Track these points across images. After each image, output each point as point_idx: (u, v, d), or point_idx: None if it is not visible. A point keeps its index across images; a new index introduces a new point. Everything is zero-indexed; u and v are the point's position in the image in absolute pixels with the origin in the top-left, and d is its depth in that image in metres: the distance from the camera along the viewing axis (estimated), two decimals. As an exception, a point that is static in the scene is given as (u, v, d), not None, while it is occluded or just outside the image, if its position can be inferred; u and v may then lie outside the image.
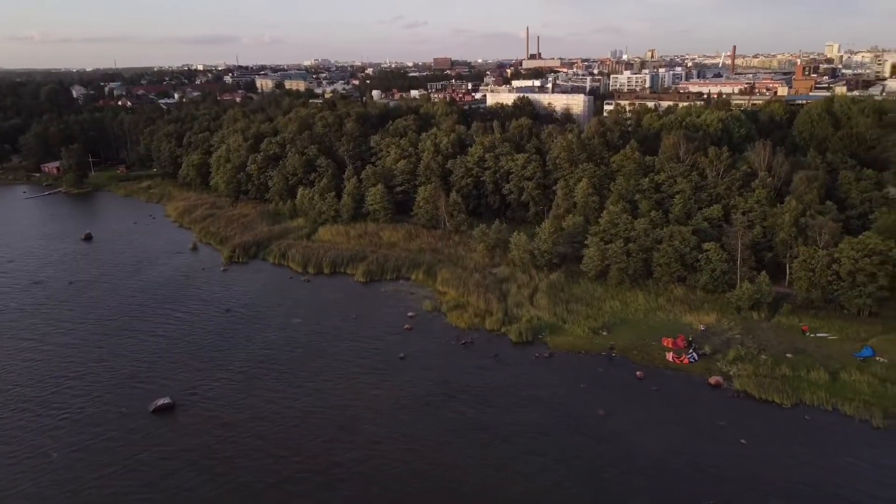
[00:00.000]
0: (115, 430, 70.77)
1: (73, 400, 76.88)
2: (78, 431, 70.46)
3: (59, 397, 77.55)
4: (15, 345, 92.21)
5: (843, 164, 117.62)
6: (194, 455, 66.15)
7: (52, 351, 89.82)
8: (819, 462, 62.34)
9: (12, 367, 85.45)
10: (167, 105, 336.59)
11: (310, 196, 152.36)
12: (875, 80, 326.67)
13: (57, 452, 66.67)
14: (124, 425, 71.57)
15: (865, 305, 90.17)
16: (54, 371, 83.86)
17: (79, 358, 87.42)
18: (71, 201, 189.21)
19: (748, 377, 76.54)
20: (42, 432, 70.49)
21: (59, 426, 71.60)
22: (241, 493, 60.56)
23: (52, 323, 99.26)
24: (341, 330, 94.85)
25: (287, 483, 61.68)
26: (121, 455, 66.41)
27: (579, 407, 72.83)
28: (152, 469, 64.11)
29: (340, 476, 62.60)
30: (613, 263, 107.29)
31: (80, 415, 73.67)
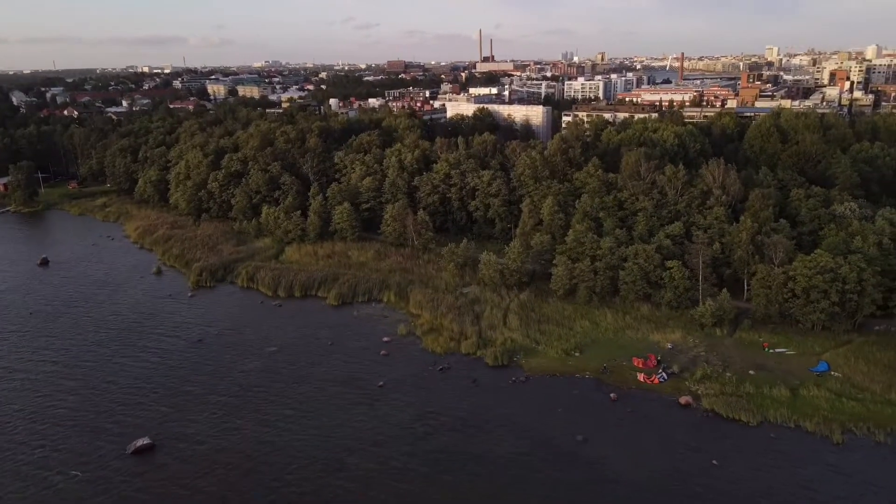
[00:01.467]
0: (94, 474, 69.54)
1: (44, 444, 75.09)
2: (52, 478, 68.94)
3: (28, 441, 75.58)
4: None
5: (793, 181, 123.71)
6: (180, 500, 65.67)
7: (17, 391, 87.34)
8: (786, 480, 66.08)
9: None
10: (116, 114, 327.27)
11: (275, 215, 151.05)
12: (815, 88, 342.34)
13: (34, 503, 65.28)
14: (103, 469, 70.39)
15: (819, 320, 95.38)
16: (21, 414, 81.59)
17: (47, 398, 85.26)
18: (21, 221, 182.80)
19: (716, 396, 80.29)
20: (14, 479, 68.76)
21: (31, 474, 69.93)
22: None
23: (15, 360, 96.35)
24: (318, 358, 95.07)
25: (277, 525, 62.01)
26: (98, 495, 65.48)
27: (559, 433, 75.10)
28: (137, 515, 63.53)
29: (330, 515, 63.29)
30: (581, 282, 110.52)
31: (53, 460, 72.02)
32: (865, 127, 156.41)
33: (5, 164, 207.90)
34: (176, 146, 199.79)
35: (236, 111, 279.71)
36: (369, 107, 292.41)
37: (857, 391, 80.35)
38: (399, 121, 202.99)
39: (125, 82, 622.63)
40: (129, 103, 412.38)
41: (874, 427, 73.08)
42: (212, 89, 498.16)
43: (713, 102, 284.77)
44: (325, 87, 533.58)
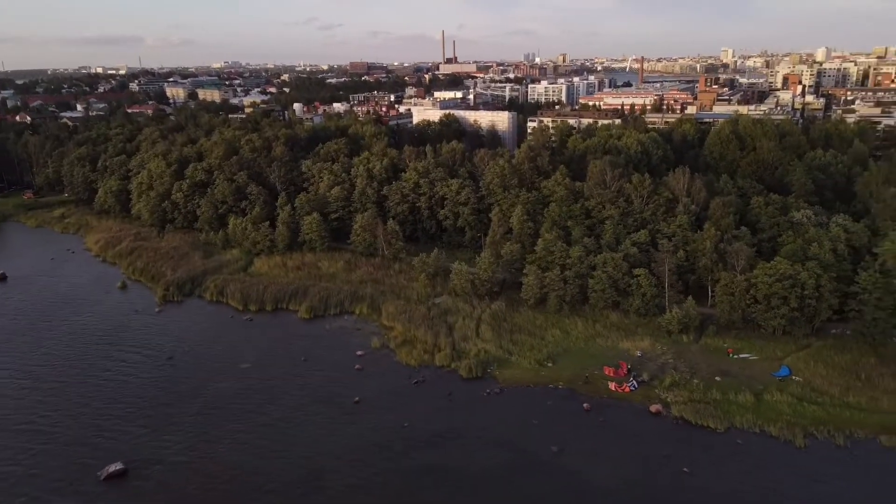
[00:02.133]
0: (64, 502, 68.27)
1: (13, 470, 73.33)
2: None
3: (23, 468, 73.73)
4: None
5: (752, 189, 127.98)
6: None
7: None
8: (753, 484, 68.70)
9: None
10: (72, 120, 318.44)
11: (242, 226, 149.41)
12: (769, 91, 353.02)
13: (5, 535, 63.83)
14: (75, 497, 69.11)
15: (780, 325, 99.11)
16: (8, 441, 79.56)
17: (13, 422, 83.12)
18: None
19: (684, 403, 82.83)
20: (-15, 512, 67.19)
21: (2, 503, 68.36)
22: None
23: None
24: (292, 374, 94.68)
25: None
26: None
27: (534, 445, 76.50)
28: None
29: (311, 536, 63.42)
30: (551, 291, 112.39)
31: (24, 489, 70.40)
32: (818, 134, 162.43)
33: None
34: (137, 154, 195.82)
35: (198, 117, 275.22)
36: (334, 112, 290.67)
37: (817, 395, 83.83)
38: (366, 128, 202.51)
39: (79, 85, 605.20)
40: (84, 108, 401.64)
41: (834, 430, 76.44)
42: (171, 92, 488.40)
43: (673, 107, 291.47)
44: (287, 89, 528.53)
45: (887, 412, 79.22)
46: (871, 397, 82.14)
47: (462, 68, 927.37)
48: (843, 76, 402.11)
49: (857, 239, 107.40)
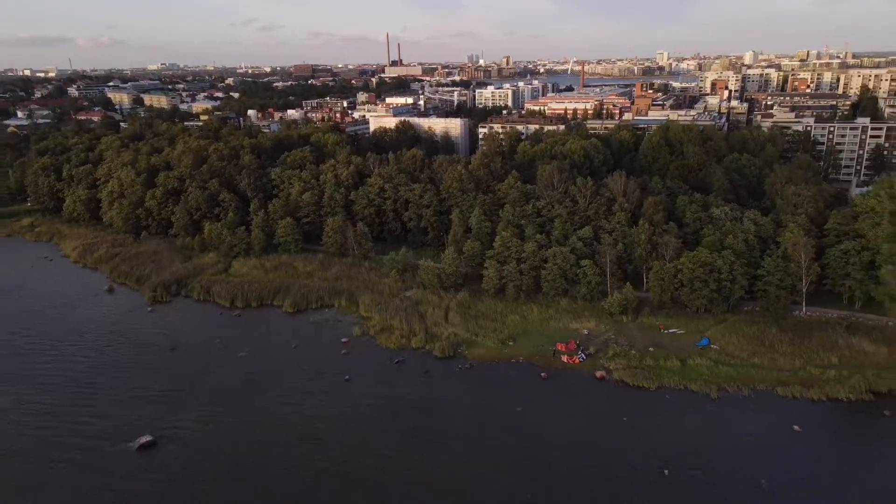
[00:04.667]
0: (107, 469, 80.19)
1: (57, 448, 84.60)
2: (73, 476, 79.12)
3: (41, 448, 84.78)
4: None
5: (679, 189, 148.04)
6: (184, 483, 77.81)
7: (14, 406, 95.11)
8: (676, 428, 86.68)
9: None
10: (19, 128, 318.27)
11: (218, 230, 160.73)
12: (699, 96, 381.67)
13: (60, 496, 75.54)
14: (114, 465, 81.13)
15: (702, 304, 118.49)
16: (27, 426, 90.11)
17: (45, 410, 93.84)
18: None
19: (624, 369, 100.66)
20: (38, 484, 78.40)
21: (52, 478, 79.71)
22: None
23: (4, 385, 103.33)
24: (286, 360, 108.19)
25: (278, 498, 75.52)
26: (113, 492, 76.47)
27: (501, 407, 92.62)
28: (149, 500, 75.12)
29: (322, 481, 77.43)
30: (509, 281, 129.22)
31: (72, 455, 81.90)
32: (737, 140, 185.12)
33: None
34: (102, 164, 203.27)
35: (153, 125, 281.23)
36: (290, 119, 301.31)
37: (730, 358, 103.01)
38: (327, 136, 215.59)
39: (13, 90, 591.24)
40: (26, 114, 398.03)
41: (741, 385, 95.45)
42: (117, 98, 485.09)
43: (612, 112, 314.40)
44: (234, 94, 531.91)
45: (783, 369, 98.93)
46: (771, 358, 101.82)
47: (408, 71, 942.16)
48: (765, 81, 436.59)
49: (765, 230, 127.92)
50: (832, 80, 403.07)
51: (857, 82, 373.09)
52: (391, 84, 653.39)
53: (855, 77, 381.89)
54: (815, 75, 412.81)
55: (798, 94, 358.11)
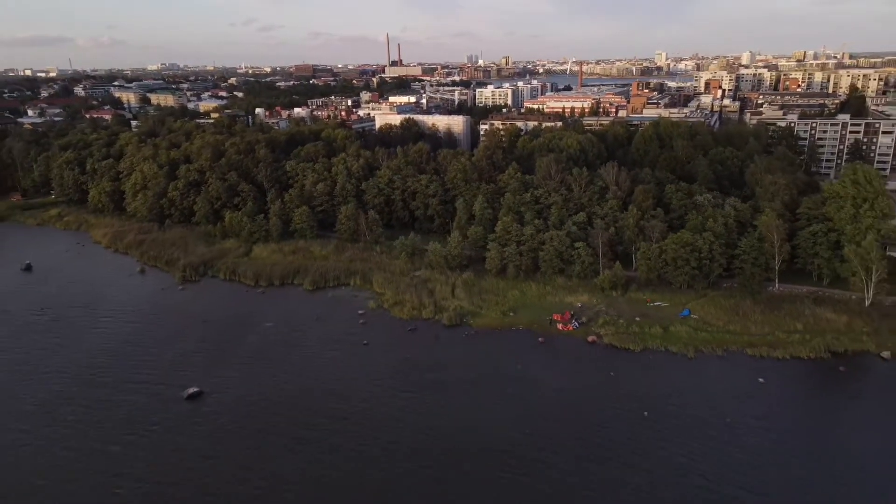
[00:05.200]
0: (163, 415, 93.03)
1: (121, 396, 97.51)
2: (134, 419, 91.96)
3: (108, 396, 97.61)
4: (52, 359, 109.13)
5: (667, 179, 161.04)
6: (228, 427, 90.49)
7: (79, 365, 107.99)
8: (657, 381, 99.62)
9: (54, 379, 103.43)
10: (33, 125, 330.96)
11: (238, 219, 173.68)
12: (693, 95, 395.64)
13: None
14: (168, 411, 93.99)
15: (684, 281, 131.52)
16: (94, 379, 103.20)
17: (104, 367, 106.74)
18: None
19: (612, 335, 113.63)
20: (106, 418, 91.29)
21: (119, 417, 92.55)
22: (274, 448, 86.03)
23: (61, 345, 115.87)
24: (309, 328, 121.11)
25: (308, 440, 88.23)
26: (160, 438, 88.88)
27: (504, 366, 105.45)
28: (197, 439, 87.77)
29: (348, 425, 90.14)
30: (510, 262, 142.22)
31: (128, 408, 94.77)
32: (723, 135, 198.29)
33: None
34: (124, 158, 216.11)
35: (165, 122, 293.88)
36: (298, 116, 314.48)
37: (707, 326, 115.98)
38: (337, 132, 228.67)
39: (20, 89, 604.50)
40: (37, 113, 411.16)
41: (716, 347, 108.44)
42: (124, 97, 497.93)
43: (608, 110, 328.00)
44: (238, 94, 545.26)
45: (753, 334, 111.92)
46: (744, 326, 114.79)
47: (408, 71, 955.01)
48: (758, 81, 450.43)
49: (743, 215, 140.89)
50: (823, 80, 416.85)
51: (846, 82, 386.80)
52: (392, 84, 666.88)
53: (844, 77, 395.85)
54: (807, 75, 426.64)
55: (789, 94, 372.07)
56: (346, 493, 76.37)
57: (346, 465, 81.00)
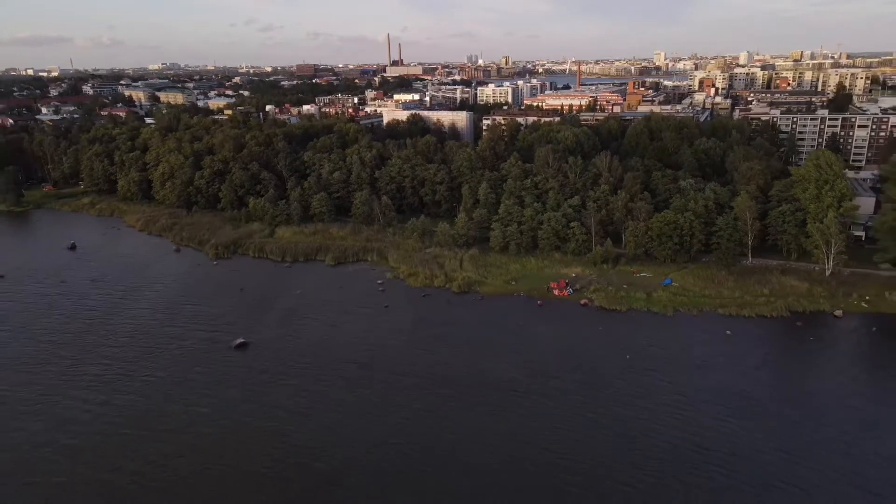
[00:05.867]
0: (213, 359, 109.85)
1: (185, 342, 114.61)
2: (191, 360, 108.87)
3: (175, 343, 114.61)
4: (119, 319, 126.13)
5: (654, 166, 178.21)
6: (270, 371, 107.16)
7: (146, 320, 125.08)
8: (639, 334, 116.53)
9: (128, 333, 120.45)
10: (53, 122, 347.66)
11: (261, 204, 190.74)
12: (688, 93, 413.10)
13: (197, 373, 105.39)
14: (218, 359, 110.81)
15: (668, 255, 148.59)
16: (158, 330, 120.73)
17: (160, 324, 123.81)
18: (19, 219, 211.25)
19: (602, 298, 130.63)
20: (166, 363, 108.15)
21: (177, 360, 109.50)
22: (313, 384, 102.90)
23: (121, 306, 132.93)
24: (334, 296, 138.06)
25: (342, 377, 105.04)
26: (222, 372, 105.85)
27: (509, 324, 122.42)
28: (243, 380, 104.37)
29: (375, 364, 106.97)
30: (511, 240, 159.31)
31: (189, 352, 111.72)
32: (707, 128, 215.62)
33: None
34: (150, 151, 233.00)
35: (181, 118, 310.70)
36: (308, 113, 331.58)
37: (686, 292, 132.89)
38: (348, 126, 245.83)
39: (29, 88, 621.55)
40: (52, 110, 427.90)
41: (691, 307, 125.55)
42: (136, 96, 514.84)
43: (605, 107, 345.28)
44: (244, 92, 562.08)
45: (725, 298, 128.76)
46: (718, 291, 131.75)
47: (408, 70, 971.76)
48: (751, 80, 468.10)
49: (722, 198, 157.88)
50: (812, 79, 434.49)
51: (834, 80, 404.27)
52: (394, 83, 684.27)
53: (833, 76, 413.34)
54: (797, 74, 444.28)
55: (779, 92, 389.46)
56: (376, 411, 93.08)
57: (375, 395, 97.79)
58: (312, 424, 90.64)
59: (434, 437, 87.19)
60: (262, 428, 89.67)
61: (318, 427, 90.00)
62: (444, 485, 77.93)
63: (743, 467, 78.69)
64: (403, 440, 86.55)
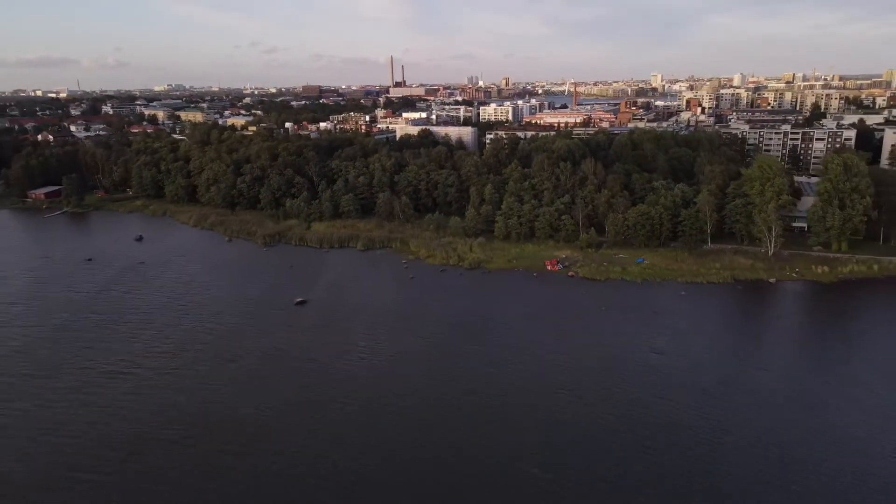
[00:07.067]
0: (279, 313, 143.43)
1: (255, 300, 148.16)
2: (261, 313, 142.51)
3: (246, 301, 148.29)
4: (202, 290, 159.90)
5: (633, 170, 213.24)
6: (320, 321, 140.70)
7: (223, 286, 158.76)
8: (612, 296, 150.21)
9: (208, 301, 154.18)
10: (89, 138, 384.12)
11: (297, 204, 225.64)
12: (676, 112, 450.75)
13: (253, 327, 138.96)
14: (282, 313, 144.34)
15: (641, 241, 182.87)
16: (237, 294, 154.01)
17: (239, 285, 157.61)
18: (83, 219, 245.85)
19: (586, 272, 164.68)
20: (249, 313, 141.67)
21: (251, 310, 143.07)
22: (360, 327, 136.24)
23: (196, 281, 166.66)
24: (367, 271, 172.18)
25: (382, 324, 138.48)
26: (286, 323, 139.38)
27: (510, 290, 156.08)
28: (303, 329, 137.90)
29: (409, 317, 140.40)
30: (512, 230, 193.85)
31: (259, 310, 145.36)
32: (682, 140, 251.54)
33: (37, 179, 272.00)
34: (192, 161, 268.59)
35: (210, 134, 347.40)
36: (325, 129, 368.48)
37: (654, 267, 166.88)
38: (367, 139, 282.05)
39: (51, 108, 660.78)
40: (82, 128, 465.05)
41: (657, 278, 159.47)
42: (160, 115, 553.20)
43: (598, 124, 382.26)
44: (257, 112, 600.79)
45: (684, 271, 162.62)
46: (679, 267, 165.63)
47: (412, 91, 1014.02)
48: (736, 100, 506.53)
49: (688, 195, 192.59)
50: (792, 100, 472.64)
51: (811, 100, 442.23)
52: (398, 103, 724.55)
53: (809, 96, 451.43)
54: (778, 95, 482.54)
55: (759, 111, 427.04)
56: (413, 348, 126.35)
57: (413, 336, 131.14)
58: (364, 352, 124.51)
59: (458, 354, 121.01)
60: (331, 351, 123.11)
61: (368, 355, 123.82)
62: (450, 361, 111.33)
63: (680, 364, 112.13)
64: (438, 350, 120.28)
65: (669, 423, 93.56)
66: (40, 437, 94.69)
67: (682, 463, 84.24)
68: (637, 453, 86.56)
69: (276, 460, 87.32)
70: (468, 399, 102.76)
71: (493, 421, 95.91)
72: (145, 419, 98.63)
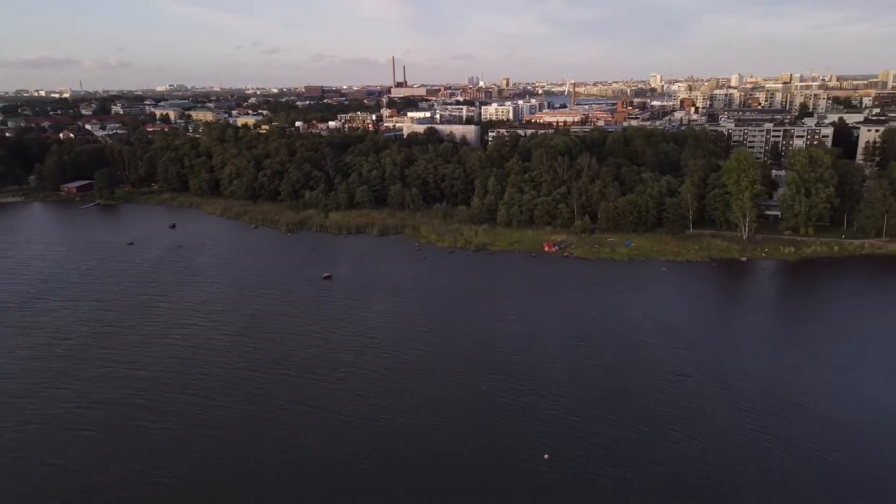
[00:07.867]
0: (308, 285, 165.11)
1: (286, 276, 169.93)
2: (292, 285, 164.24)
3: (278, 276, 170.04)
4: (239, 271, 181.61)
5: (624, 163, 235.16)
6: (347, 291, 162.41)
7: (256, 264, 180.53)
8: (601, 271, 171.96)
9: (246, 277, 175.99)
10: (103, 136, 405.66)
11: (315, 195, 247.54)
12: (671, 111, 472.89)
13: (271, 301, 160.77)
14: (311, 286, 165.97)
15: (630, 227, 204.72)
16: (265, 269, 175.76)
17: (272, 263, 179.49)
18: (114, 210, 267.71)
19: (579, 252, 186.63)
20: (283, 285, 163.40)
21: (287, 281, 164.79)
22: (381, 294, 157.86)
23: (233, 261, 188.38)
24: (384, 252, 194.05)
25: (402, 291, 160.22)
26: (316, 294, 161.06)
27: (512, 268, 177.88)
28: (331, 298, 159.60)
29: (422, 288, 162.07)
30: (514, 217, 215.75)
31: (292, 281, 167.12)
32: (671, 136, 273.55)
33: (69, 174, 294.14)
34: (214, 156, 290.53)
35: (226, 131, 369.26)
36: (335, 128, 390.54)
37: (640, 249, 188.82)
38: (378, 136, 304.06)
39: (62, 107, 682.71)
40: (98, 126, 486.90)
41: (643, 258, 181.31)
42: (172, 115, 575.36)
43: (595, 123, 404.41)
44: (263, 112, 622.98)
45: (666, 252, 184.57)
46: (663, 249, 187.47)
47: (413, 92, 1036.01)
48: (729, 100, 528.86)
49: (672, 186, 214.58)
50: (782, 100, 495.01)
51: (799, 100, 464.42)
52: (401, 103, 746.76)
53: (798, 96, 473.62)
54: (769, 95, 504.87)
55: (750, 110, 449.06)
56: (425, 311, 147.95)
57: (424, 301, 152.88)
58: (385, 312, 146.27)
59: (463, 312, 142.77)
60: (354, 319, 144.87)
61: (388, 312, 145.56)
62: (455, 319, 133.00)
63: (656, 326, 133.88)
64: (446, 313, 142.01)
65: (647, 367, 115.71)
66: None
67: (650, 393, 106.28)
68: (604, 379, 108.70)
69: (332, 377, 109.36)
70: (477, 350, 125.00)
71: (492, 364, 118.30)
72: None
